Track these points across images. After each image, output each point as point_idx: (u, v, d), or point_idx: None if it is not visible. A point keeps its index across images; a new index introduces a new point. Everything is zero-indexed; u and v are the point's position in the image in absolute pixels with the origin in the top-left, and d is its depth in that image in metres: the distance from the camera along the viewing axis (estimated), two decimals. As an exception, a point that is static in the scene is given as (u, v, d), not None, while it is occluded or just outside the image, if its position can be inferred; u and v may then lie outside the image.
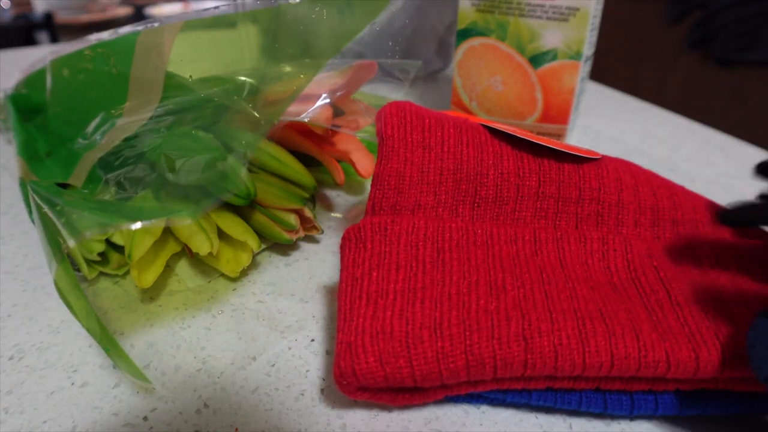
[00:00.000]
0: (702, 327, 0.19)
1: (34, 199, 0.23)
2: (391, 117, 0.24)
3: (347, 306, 0.20)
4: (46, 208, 0.22)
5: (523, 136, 0.25)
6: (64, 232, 0.20)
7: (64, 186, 0.27)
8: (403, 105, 0.25)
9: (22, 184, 0.29)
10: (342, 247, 0.23)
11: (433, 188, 0.24)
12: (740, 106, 0.64)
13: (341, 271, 0.22)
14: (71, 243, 0.19)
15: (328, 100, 0.28)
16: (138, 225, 0.20)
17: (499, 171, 0.24)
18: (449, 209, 0.24)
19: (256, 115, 0.26)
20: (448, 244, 0.22)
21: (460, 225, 0.23)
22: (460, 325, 0.19)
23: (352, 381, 0.19)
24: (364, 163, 0.33)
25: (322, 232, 0.30)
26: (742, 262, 0.23)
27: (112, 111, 0.28)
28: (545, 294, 0.20)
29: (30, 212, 0.26)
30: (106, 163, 0.27)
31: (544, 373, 0.19)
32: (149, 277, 0.25)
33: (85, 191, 0.26)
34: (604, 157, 0.26)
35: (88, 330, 0.20)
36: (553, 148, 0.25)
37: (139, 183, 0.26)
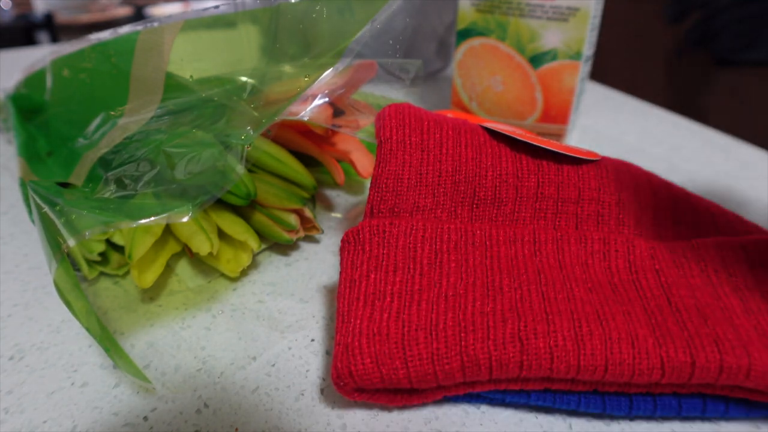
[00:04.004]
0: (701, 332, 0.19)
1: (33, 199, 0.23)
2: (389, 119, 0.24)
3: (345, 308, 0.21)
4: (46, 208, 0.22)
5: (522, 139, 0.25)
6: (64, 231, 0.20)
7: (64, 185, 0.27)
8: (402, 107, 0.25)
9: (22, 184, 0.29)
10: (341, 250, 0.23)
11: (432, 190, 0.24)
12: (740, 106, 0.64)
13: (340, 273, 0.22)
14: (71, 243, 0.20)
15: (326, 99, 0.28)
16: (137, 224, 0.20)
17: (498, 172, 0.24)
18: (448, 211, 0.24)
19: (257, 115, 0.26)
20: (446, 246, 0.22)
21: (458, 226, 0.23)
22: (455, 326, 0.19)
23: (349, 382, 0.19)
24: (364, 163, 0.33)
25: (322, 232, 0.30)
26: (748, 267, 0.22)
27: (113, 111, 0.28)
28: (542, 295, 0.20)
29: (30, 212, 0.26)
30: (106, 162, 0.27)
31: (539, 374, 0.19)
32: (149, 277, 0.25)
33: (86, 189, 0.26)
34: (604, 158, 0.26)
35: (88, 330, 0.20)
36: (553, 150, 0.25)
37: (138, 181, 0.26)
